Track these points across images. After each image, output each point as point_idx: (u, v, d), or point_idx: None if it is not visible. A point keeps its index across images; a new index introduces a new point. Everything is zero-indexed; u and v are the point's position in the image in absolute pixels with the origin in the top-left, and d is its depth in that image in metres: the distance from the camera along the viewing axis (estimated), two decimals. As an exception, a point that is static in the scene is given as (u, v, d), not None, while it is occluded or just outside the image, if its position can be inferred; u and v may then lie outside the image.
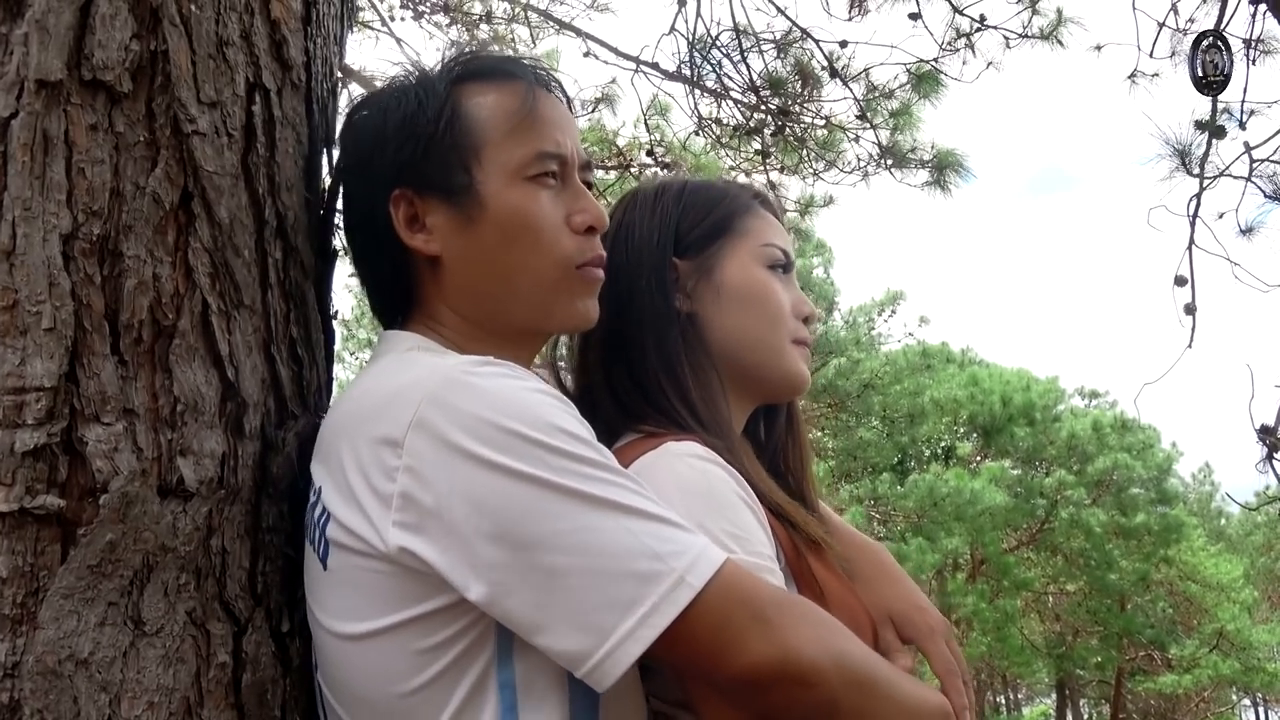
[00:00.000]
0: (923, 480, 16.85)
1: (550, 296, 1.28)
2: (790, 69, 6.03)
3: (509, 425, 1.06)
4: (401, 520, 1.07)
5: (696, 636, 1.04)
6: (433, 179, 1.26)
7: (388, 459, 1.08)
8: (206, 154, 1.20)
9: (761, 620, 1.06)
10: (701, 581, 1.04)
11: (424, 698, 1.09)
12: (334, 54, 1.49)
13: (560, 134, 1.29)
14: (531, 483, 1.04)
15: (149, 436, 1.12)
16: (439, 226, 1.27)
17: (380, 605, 1.10)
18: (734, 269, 1.46)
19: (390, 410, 1.10)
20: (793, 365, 1.47)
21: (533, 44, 7.23)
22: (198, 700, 1.12)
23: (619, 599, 1.03)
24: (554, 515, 1.04)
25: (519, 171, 1.26)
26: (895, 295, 19.42)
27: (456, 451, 1.05)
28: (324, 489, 1.16)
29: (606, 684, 1.04)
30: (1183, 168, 3.72)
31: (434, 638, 1.09)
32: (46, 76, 1.11)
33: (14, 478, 1.06)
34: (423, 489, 1.06)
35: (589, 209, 1.29)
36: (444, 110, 1.27)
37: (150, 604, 1.10)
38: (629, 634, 1.02)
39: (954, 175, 6.19)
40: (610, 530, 1.04)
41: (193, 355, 1.17)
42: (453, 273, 1.28)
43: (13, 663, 1.03)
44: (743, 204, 1.52)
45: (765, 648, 1.05)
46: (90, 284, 1.11)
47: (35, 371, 1.07)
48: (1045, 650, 21.43)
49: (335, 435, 1.18)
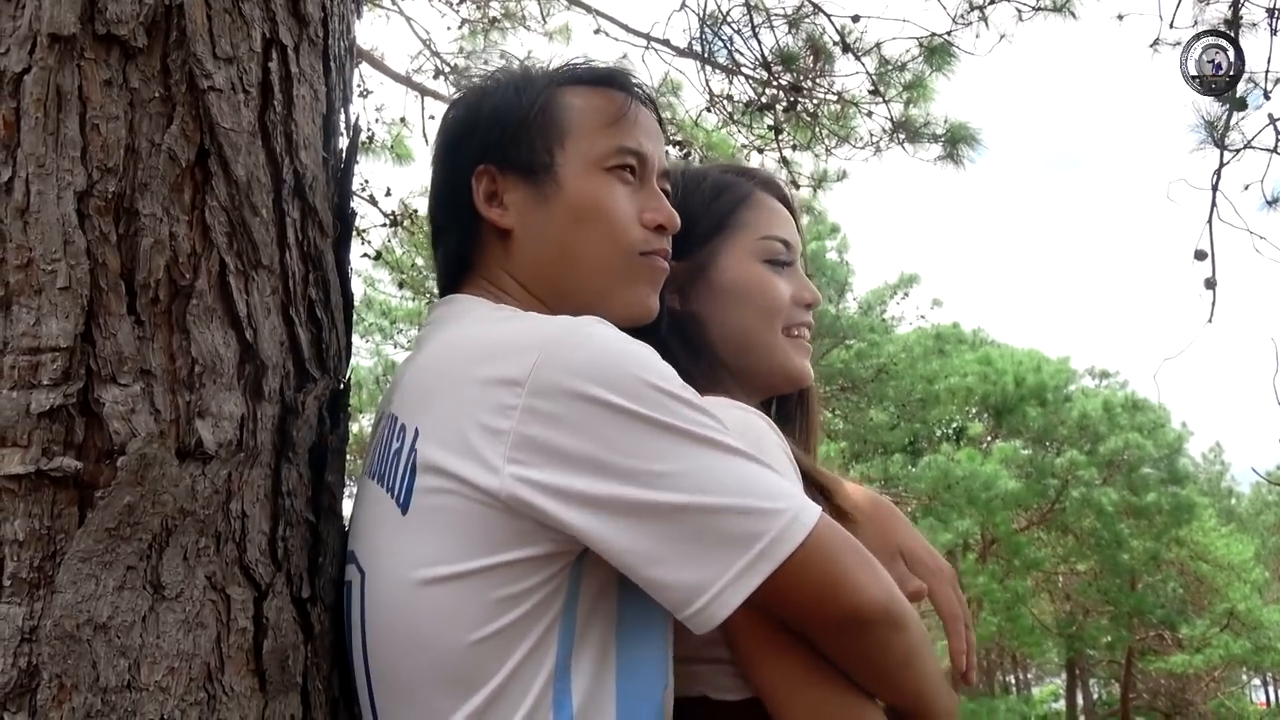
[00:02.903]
0: (935, 462, 16.83)
1: (612, 280, 1.32)
2: (802, 44, 5.97)
3: (631, 370, 1.10)
4: (518, 457, 1.08)
5: (809, 574, 1.08)
6: (516, 158, 1.33)
7: (505, 398, 1.10)
8: (223, 110, 1.17)
9: (867, 563, 1.12)
10: (813, 521, 1.09)
11: (490, 648, 1.10)
12: (351, 11, 1.46)
13: (645, 138, 1.36)
14: (654, 425, 1.08)
15: (167, 398, 1.10)
16: (515, 203, 1.33)
17: (470, 548, 1.11)
18: (728, 267, 1.47)
19: (507, 354, 1.12)
20: (786, 360, 1.47)
21: (543, 21, 7.19)
22: (218, 666, 1.10)
23: (738, 533, 1.06)
24: (677, 455, 1.08)
25: (599, 162, 1.33)
26: (909, 278, 19.35)
27: (581, 392, 1.08)
28: (419, 431, 1.16)
29: (714, 624, 1.07)
30: (1210, 140, 3.66)
31: (516, 586, 1.10)
32: (59, 31, 1.09)
33: (30, 439, 1.04)
34: (545, 427, 1.08)
35: (662, 209, 1.36)
36: (538, 100, 1.34)
37: (169, 568, 1.08)
38: (747, 567, 1.06)
39: (967, 149, 6.13)
40: (729, 471, 1.09)
41: (210, 316, 1.14)
42: (521, 247, 1.34)
43: (30, 627, 1.01)
44: (740, 196, 1.51)
45: (874, 588, 1.10)
46: (106, 243, 1.09)
47: (51, 331, 1.05)
48: (1055, 630, 21.43)
49: (435, 378, 1.19)
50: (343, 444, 1.31)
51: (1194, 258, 3.93)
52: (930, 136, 6.24)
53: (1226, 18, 4.11)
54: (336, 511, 1.29)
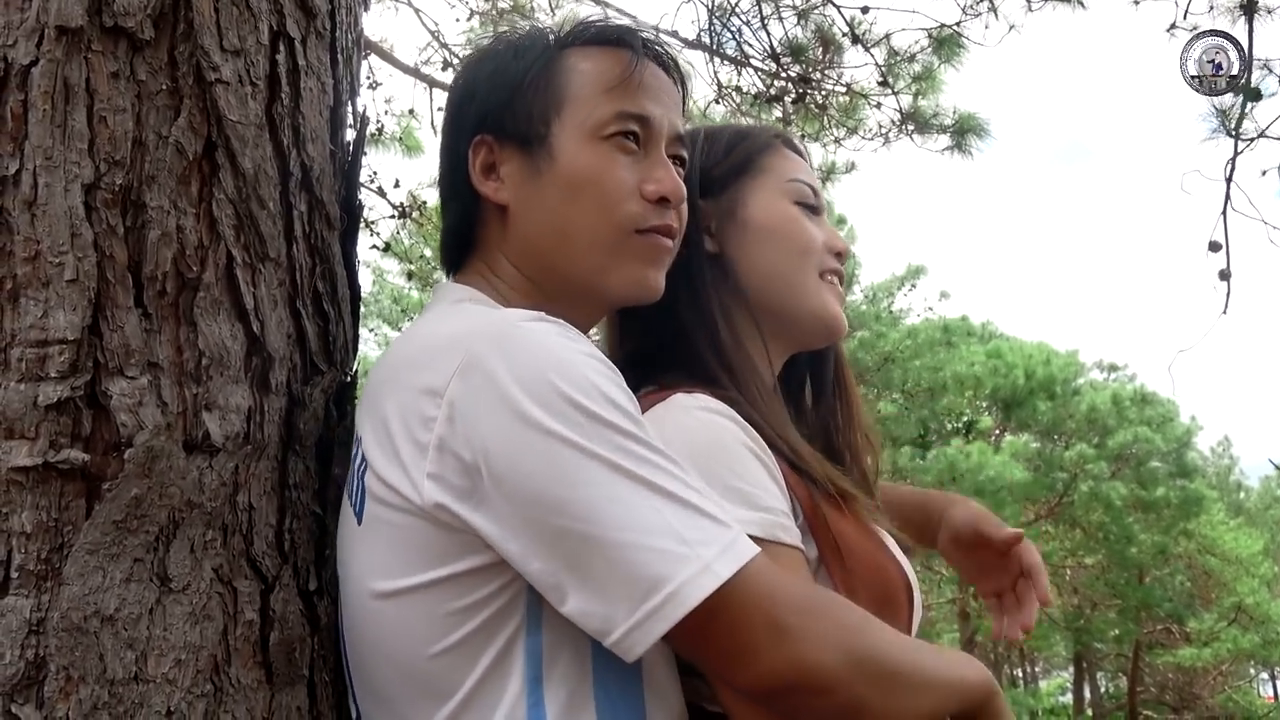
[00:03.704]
0: (943, 454, 16.80)
1: (607, 258, 1.23)
2: (811, 35, 5.95)
3: (554, 384, 1.03)
4: (435, 472, 1.04)
5: (714, 633, 1.01)
6: (512, 128, 1.24)
7: (427, 409, 1.05)
8: (230, 103, 1.17)
9: (777, 628, 1.01)
10: (728, 572, 1.00)
11: (451, 661, 1.07)
12: (358, 3, 1.46)
13: (651, 101, 1.25)
14: (568, 446, 1.01)
15: (174, 390, 1.10)
16: (511, 176, 1.25)
17: (414, 562, 1.08)
18: (760, 205, 1.41)
19: (435, 359, 1.07)
20: (821, 303, 1.40)
21: (551, 12, 7.17)
22: (225, 658, 1.10)
23: (648, 572, 0.99)
24: (586, 483, 1.00)
25: (596, 130, 1.23)
26: (916, 270, 19.32)
27: (497, 404, 1.02)
28: (364, 439, 1.14)
29: (635, 655, 1.01)
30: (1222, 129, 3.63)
31: (466, 599, 1.06)
32: (67, 23, 1.09)
33: (37, 431, 1.04)
34: (459, 441, 1.03)
35: (665, 179, 1.25)
36: (535, 62, 1.26)
37: (176, 560, 1.08)
38: (654, 611, 0.99)
39: (975, 139, 6.10)
40: (639, 507, 1.01)
41: (217, 308, 1.14)
42: (516, 224, 1.25)
43: (38, 619, 1.01)
44: (764, 142, 1.47)
45: (776, 658, 1.01)
46: (113, 235, 1.09)
47: (58, 324, 1.06)
48: (1063, 623, 21.40)
49: (380, 384, 1.16)
50: (349, 436, 1.31)
51: (1208, 249, 3.90)
52: (939, 128, 6.21)
53: (1242, 2, 4.07)
54: (342, 504, 1.29)
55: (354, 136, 1.41)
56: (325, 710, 1.21)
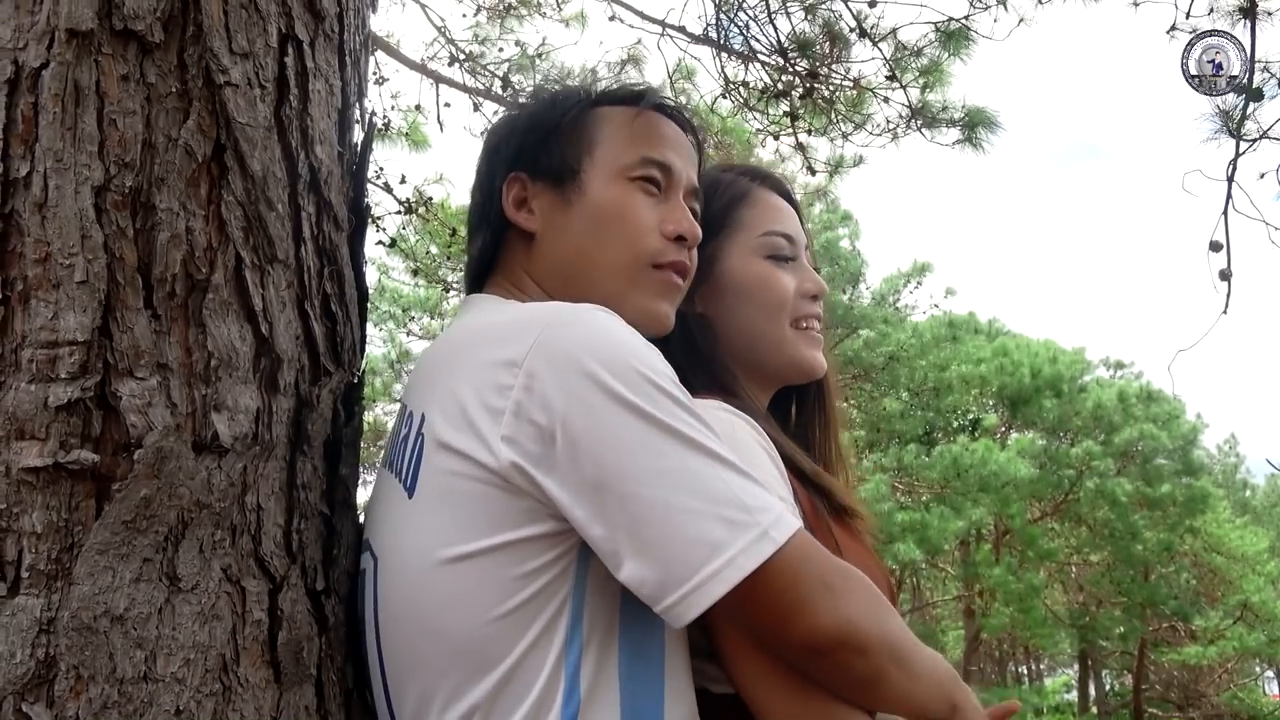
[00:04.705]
0: (949, 451, 16.79)
1: (625, 287, 1.33)
2: (819, 30, 5.94)
3: (628, 360, 1.11)
4: (510, 435, 1.10)
5: (770, 593, 1.08)
6: (545, 166, 1.37)
7: (503, 378, 1.12)
8: (239, 106, 1.18)
9: (828, 587, 1.10)
10: (783, 538, 1.08)
11: (506, 625, 1.11)
12: (366, 5, 1.46)
13: (672, 153, 1.39)
14: (640, 416, 1.09)
15: (183, 391, 1.10)
16: (542, 207, 1.37)
17: (481, 526, 1.12)
18: (731, 266, 1.48)
19: (509, 337, 1.15)
20: (795, 353, 1.48)
21: (558, 7, 7.17)
22: (233, 657, 1.11)
23: (708, 538, 1.06)
24: (657, 451, 1.08)
25: (624, 171, 1.36)
26: (922, 266, 19.27)
27: (576, 374, 1.09)
28: (426, 415, 1.18)
29: (684, 621, 1.07)
30: (1224, 129, 3.63)
31: (529, 564, 1.12)
32: (77, 26, 1.10)
33: (48, 432, 1.05)
34: (537, 406, 1.09)
35: (683, 220, 1.37)
36: (570, 111, 1.39)
37: (185, 560, 1.09)
38: (714, 574, 1.06)
39: (986, 132, 6.07)
40: (708, 475, 1.09)
41: (226, 310, 1.15)
42: (543, 249, 1.36)
43: (48, 619, 1.02)
44: (738, 194, 1.51)
45: (831, 614, 1.09)
46: (123, 237, 1.10)
47: (68, 325, 1.06)
48: (1068, 621, 21.39)
49: (442, 363, 1.22)
50: (356, 437, 1.32)
51: (1209, 249, 3.90)
52: (948, 122, 6.19)
53: (1243, 5, 4.06)
54: (350, 504, 1.30)
55: (361, 138, 1.42)
56: (333, 709, 1.22)
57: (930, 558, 18.26)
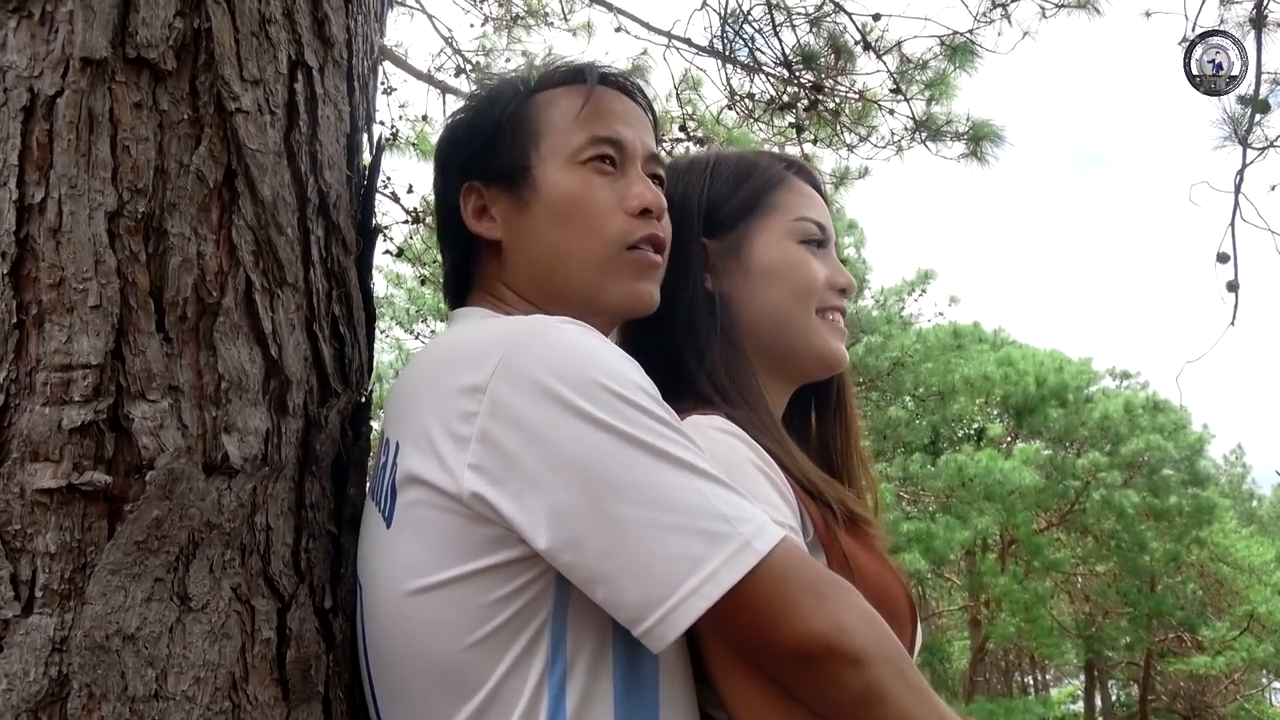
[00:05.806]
0: (954, 460, 16.76)
1: (601, 276, 1.30)
2: (823, 43, 5.96)
3: (591, 375, 1.08)
4: (476, 463, 1.08)
5: (755, 603, 1.04)
6: (496, 170, 1.33)
7: (468, 405, 1.10)
8: (250, 132, 1.20)
9: (818, 594, 1.06)
10: (766, 548, 1.05)
11: (482, 652, 1.10)
12: (374, 31, 1.49)
13: (621, 124, 1.33)
14: (609, 432, 1.06)
15: (194, 413, 1.12)
16: (501, 214, 1.33)
17: (449, 556, 1.11)
18: (763, 247, 1.44)
19: (473, 360, 1.13)
20: (820, 341, 1.43)
21: (565, 18, 7.20)
22: (243, 675, 1.12)
23: (686, 554, 1.03)
24: (628, 466, 1.05)
25: (573, 156, 1.31)
26: (926, 274, 19.26)
27: (538, 395, 1.07)
28: (399, 444, 1.18)
29: (664, 643, 1.04)
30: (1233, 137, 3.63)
31: (499, 591, 1.10)
32: (91, 54, 1.12)
33: (61, 454, 1.07)
34: (501, 431, 1.08)
35: (644, 192, 1.32)
36: (508, 106, 1.34)
37: (196, 580, 1.10)
38: (693, 591, 1.02)
39: (991, 145, 6.07)
40: (682, 488, 1.05)
41: (236, 333, 1.17)
42: (512, 255, 1.33)
43: (61, 637, 1.04)
44: (774, 177, 1.48)
45: (819, 620, 1.05)
46: (135, 261, 1.12)
47: (82, 349, 1.08)
48: (1074, 631, 21.33)
49: (411, 391, 1.20)
50: (364, 457, 1.34)
51: (1217, 260, 3.91)
52: (953, 135, 6.20)
53: (1251, 16, 4.07)
54: (358, 523, 1.31)
55: (369, 161, 1.44)
56: (339, 726, 1.23)
57: (936, 567, 18.19)
